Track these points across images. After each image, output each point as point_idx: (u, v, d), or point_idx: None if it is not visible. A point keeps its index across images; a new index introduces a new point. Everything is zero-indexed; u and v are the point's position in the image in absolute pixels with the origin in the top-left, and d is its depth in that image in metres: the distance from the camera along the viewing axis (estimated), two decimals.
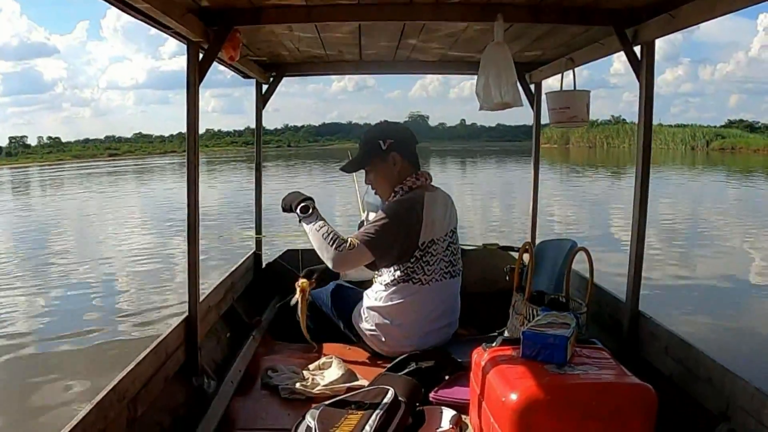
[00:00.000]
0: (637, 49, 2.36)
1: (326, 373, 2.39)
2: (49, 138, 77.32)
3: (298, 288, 2.70)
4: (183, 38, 2.26)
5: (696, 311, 5.93)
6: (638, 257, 2.41)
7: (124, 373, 1.84)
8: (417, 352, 2.36)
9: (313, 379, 2.35)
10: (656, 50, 2.32)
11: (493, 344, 1.85)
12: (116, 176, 31.83)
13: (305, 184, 19.56)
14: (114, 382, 1.77)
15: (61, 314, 6.34)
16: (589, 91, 2.87)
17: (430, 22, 2.51)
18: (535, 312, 2.30)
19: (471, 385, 1.91)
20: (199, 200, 2.32)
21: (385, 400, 1.87)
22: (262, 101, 3.62)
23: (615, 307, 2.61)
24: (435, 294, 2.56)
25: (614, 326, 2.57)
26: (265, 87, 3.61)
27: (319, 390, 2.25)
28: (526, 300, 2.41)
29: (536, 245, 3.18)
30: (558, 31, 2.62)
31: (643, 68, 2.33)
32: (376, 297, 2.60)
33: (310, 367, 2.46)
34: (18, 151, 68.05)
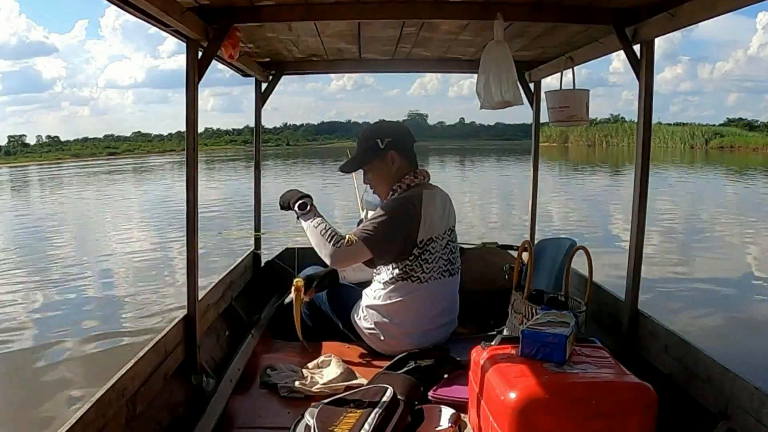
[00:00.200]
0: (636, 47, 2.35)
1: (325, 371, 2.39)
2: (48, 137, 77.42)
3: (293, 287, 2.70)
4: (182, 36, 2.26)
5: (695, 310, 5.92)
6: (637, 256, 2.41)
7: (123, 371, 1.84)
8: (416, 351, 2.36)
9: (312, 377, 2.35)
10: (655, 48, 2.32)
11: (492, 343, 1.85)
12: (115, 175, 31.80)
13: (304, 183, 19.56)
14: (113, 380, 1.77)
15: (59, 313, 6.33)
16: (588, 90, 2.86)
17: (430, 21, 2.50)
18: (534, 311, 2.30)
19: (470, 384, 1.91)
20: (198, 198, 2.31)
21: (384, 399, 1.87)
22: (261, 100, 3.62)
23: (614, 305, 2.61)
24: (434, 292, 2.56)
25: (613, 325, 2.57)
26: (264, 85, 3.60)
27: (318, 388, 2.25)
28: (525, 299, 2.41)
29: (535, 244, 3.18)
30: (558, 29, 2.62)
31: (643, 67, 2.32)
32: (374, 295, 2.60)
33: (309, 365, 2.46)
34: (17, 150, 67.97)
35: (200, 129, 2.34)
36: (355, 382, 2.30)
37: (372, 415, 1.80)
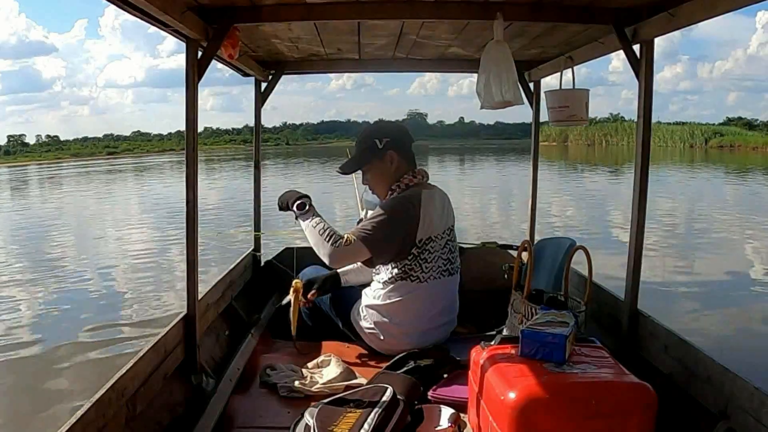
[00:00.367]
0: (636, 47, 2.35)
1: (325, 371, 2.39)
2: (48, 136, 77.49)
3: (292, 288, 2.70)
4: (182, 36, 2.26)
5: (695, 309, 5.93)
6: (637, 255, 2.41)
7: (122, 371, 1.84)
8: (416, 350, 2.36)
9: (311, 377, 2.35)
10: (655, 48, 2.32)
11: (492, 343, 1.85)
12: (115, 174, 31.80)
13: (304, 183, 19.55)
14: (113, 380, 1.76)
15: (59, 312, 6.34)
16: (588, 90, 2.86)
17: (429, 21, 2.50)
18: (533, 310, 2.30)
19: (469, 384, 1.91)
20: (198, 198, 2.31)
21: (383, 399, 1.87)
22: (261, 99, 3.62)
23: (614, 305, 2.61)
24: (433, 292, 2.56)
25: (613, 325, 2.57)
26: (264, 85, 3.60)
27: (317, 388, 2.25)
28: (524, 298, 2.41)
29: (535, 244, 3.18)
30: (557, 29, 2.62)
31: (643, 66, 2.32)
32: (374, 295, 2.60)
33: (309, 365, 2.46)
34: (16, 149, 68.01)
35: (200, 128, 2.34)
36: (354, 381, 2.30)
37: (371, 414, 1.80)
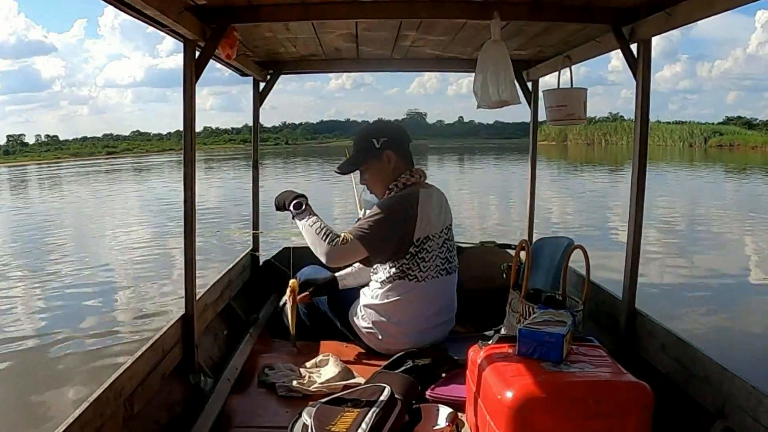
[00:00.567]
0: (633, 46, 2.35)
1: (323, 370, 2.39)
2: (47, 136, 77.69)
3: (289, 288, 2.70)
4: (179, 36, 2.25)
5: (693, 308, 5.93)
6: (635, 254, 2.41)
7: (120, 370, 1.83)
8: (414, 350, 2.36)
9: (309, 376, 2.36)
10: (654, 47, 2.32)
11: (490, 342, 1.86)
12: (114, 174, 31.78)
13: (303, 183, 19.54)
14: (110, 380, 1.76)
15: (58, 311, 6.33)
16: (586, 89, 2.86)
17: (428, 20, 2.50)
18: (531, 310, 2.30)
19: (467, 383, 1.91)
20: (196, 197, 2.31)
21: (381, 398, 1.87)
22: (259, 99, 3.62)
23: (612, 304, 2.61)
24: (431, 291, 2.56)
25: (611, 324, 2.57)
26: (262, 85, 3.59)
27: (315, 388, 2.25)
28: (522, 298, 2.41)
29: (533, 243, 3.18)
30: (555, 28, 2.62)
31: (640, 66, 2.32)
32: (372, 294, 2.60)
33: (307, 364, 2.46)
34: (16, 149, 68.06)
35: (199, 128, 2.35)
36: (352, 381, 2.30)
37: (369, 414, 1.80)
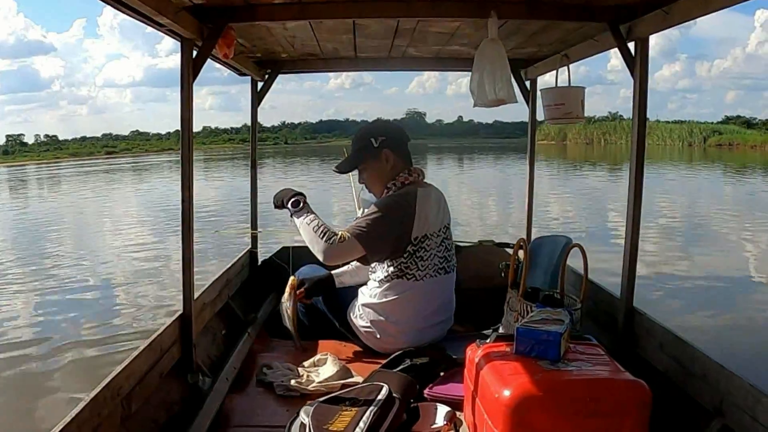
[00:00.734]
0: (631, 45, 2.35)
1: (321, 370, 2.39)
2: (46, 136, 77.74)
3: (288, 285, 2.71)
4: (177, 36, 2.25)
5: (692, 307, 5.93)
6: (633, 253, 2.41)
7: (118, 369, 1.83)
8: (412, 349, 2.36)
9: (308, 376, 2.36)
10: (653, 46, 2.34)
11: (488, 341, 1.86)
12: (113, 174, 31.78)
13: (302, 182, 19.53)
14: (108, 379, 1.76)
15: (57, 311, 6.33)
16: (583, 88, 2.86)
17: (425, 19, 2.50)
18: (529, 308, 2.31)
19: (465, 382, 1.91)
20: (193, 196, 2.31)
21: (379, 397, 1.87)
22: (257, 98, 3.61)
23: (610, 303, 2.61)
24: (429, 290, 2.56)
25: (609, 322, 2.57)
26: (260, 84, 3.59)
27: (313, 387, 2.26)
28: (520, 296, 2.41)
29: (532, 242, 3.18)
30: (553, 27, 2.61)
31: (637, 64, 2.32)
32: (370, 294, 2.60)
33: (305, 364, 2.47)
34: (15, 149, 68.11)
35: (198, 128, 2.36)
36: (351, 380, 2.30)
37: (367, 413, 1.80)
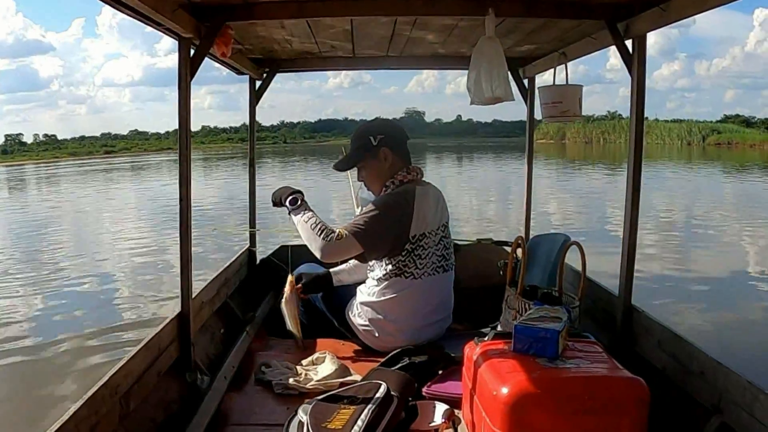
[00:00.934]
0: (629, 43, 2.35)
1: (319, 368, 2.39)
2: (45, 135, 77.91)
3: (288, 283, 2.71)
4: (174, 34, 2.25)
5: (690, 305, 5.93)
6: (631, 251, 2.40)
7: (116, 368, 1.83)
8: (410, 347, 2.36)
9: (306, 374, 2.36)
10: (652, 45, 2.38)
11: (486, 338, 1.86)
12: (112, 173, 31.76)
13: (301, 181, 19.52)
14: (106, 377, 1.76)
15: (56, 310, 6.33)
16: (581, 86, 2.86)
17: (423, 17, 2.50)
18: (527, 306, 2.31)
19: (463, 380, 1.91)
20: (191, 195, 2.31)
21: (377, 395, 1.87)
22: (255, 97, 3.61)
23: (608, 301, 2.61)
24: (428, 288, 2.56)
25: (607, 320, 2.57)
26: (258, 83, 3.58)
27: (312, 385, 2.25)
28: (518, 294, 2.42)
29: (530, 240, 3.18)
30: (550, 25, 2.61)
31: (635, 62, 2.32)
32: (369, 292, 2.60)
33: (304, 362, 2.47)
34: (14, 148, 68.17)
35: (197, 127, 2.35)
36: (349, 378, 2.30)
37: (365, 411, 1.80)
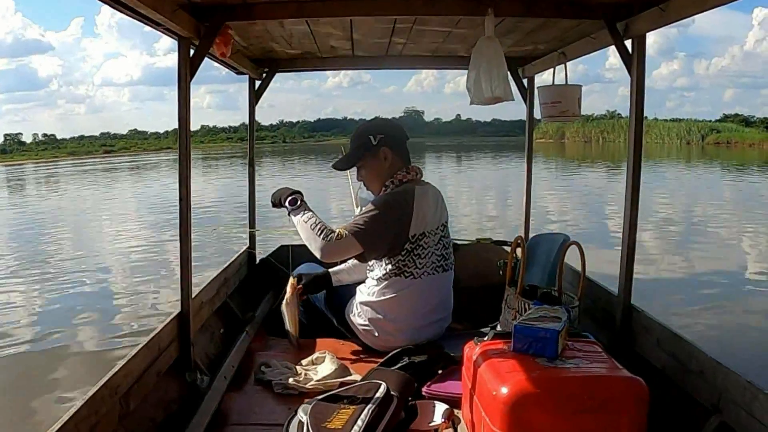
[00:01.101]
0: (628, 42, 2.35)
1: (319, 368, 2.40)
2: (44, 135, 77.89)
3: (289, 285, 2.71)
4: (174, 34, 2.25)
5: (690, 304, 5.93)
6: (630, 250, 2.41)
7: (116, 368, 1.83)
8: (410, 347, 2.36)
9: (306, 374, 2.36)
10: (651, 44, 2.35)
11: (485, 338, 1.86)
12: (112, 173, 31.75)
13: (300, 181, 19.51)
14: (106, 377, 1.76)
15: (56, 310, 6.32)
16: (580, 86, 2.86)
17: (422, 17, 2.50)
18: (527, 306, 2.31)
19: (463, 379, 1.91)
20: (191, 195, 2.31)
21: (377, 395, 1.87)
22: (254, 97, 3.61)
23: (607, 300, 2.61)
24: (427, 288, 2.56)
25: (606, 320, 2.57)
26: (257, 83, 3.58)
27: (312, 385, 2.25)
28: (518, 294, 2.42)
29: (529, 239, 3.18)
30: (550, 25, 2.62)
31: (634, 62, 2.32)
32: (368, 292, 2.60)
33: (303, 362, 2.46)
34: (13, 148, 68.20)
35: (196, 126, 2.35)
36: (349, 378, 2.30)
37: (365, 411, 1.80)
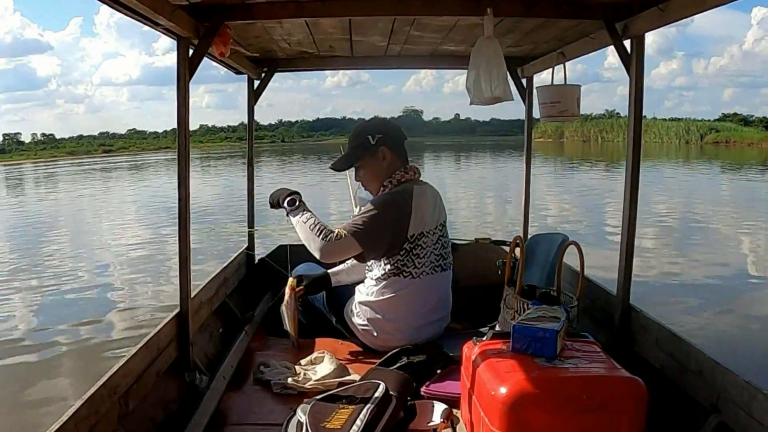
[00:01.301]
0: (627, 42, 2.35)
1: (318, 368, 2.40)
2: (43, 134, 77.88)
3: (288, 286, 2.71)
4: (173, 34, 2.25)
5: (689, 304, 5.94)
6: (629, 250, 2.41)
7: (115, 368, 1.84)
8: (409, 347, 2.36)
9: (305, 374, 2.36)
10: (650, 44, 2.34)
11: (484, 338, 1.86)
12: (111, 172, 31.73)
13: (300, 181, 19.50)
14: (105, 377, 1.77)
15: (55, 310, 6.32)
16: (579, 86, 2.86)
17: (421, 17, 2.50)
18: (525, 306, 2.31)
19: (461, 379, 1.92)
20: (190, 195, 2.31)
21: (376, 395, 1.87)
22: (253, 97, 3.61)
23: (606, 300, 2.61)
24: (426, 288, 2.56)
25: (605, 319, 2.57)
26: (256, 83, 3.58)
27: (311, 385, 2.26)
28: (517, 294, 2.42)
29: (528, 239, 3.18)
30: (549, 25, 2.62)
31: (633, 62, 2.33)
32: (367, 292, 2.61)
33: (302, 362, 2.47)
34: (12, 148, 68.15)
35: (195, 126, 2.35)
36: (347, 378, 2.30)
37: (364, 411, 1.80)
